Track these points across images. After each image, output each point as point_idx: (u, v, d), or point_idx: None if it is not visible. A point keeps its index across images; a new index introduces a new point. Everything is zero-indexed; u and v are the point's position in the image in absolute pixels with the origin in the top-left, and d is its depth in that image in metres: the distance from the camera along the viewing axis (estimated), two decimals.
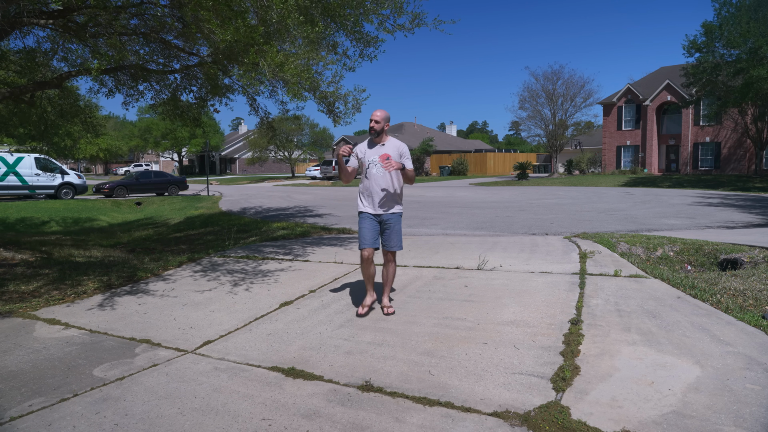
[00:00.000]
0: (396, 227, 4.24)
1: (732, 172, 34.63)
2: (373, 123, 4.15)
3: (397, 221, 4.25)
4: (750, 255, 6.26)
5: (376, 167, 4.17)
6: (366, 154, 4.24)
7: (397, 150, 4.20)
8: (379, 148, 4.20)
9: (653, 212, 13.01)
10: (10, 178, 22.08)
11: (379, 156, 4.14)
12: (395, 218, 4.25)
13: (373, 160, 4.18)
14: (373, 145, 4.25)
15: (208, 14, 4.86)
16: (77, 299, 5.04)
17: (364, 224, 4.21)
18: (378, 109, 4.20)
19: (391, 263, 4.34)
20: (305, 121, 45.79)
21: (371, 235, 4.19)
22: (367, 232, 4.19)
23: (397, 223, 4.24)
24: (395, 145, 4.24)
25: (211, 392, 2.94)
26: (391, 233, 4.23)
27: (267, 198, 22.36)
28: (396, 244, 4.24)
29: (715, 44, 24.85)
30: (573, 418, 2.53)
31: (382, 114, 4.19)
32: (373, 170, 4.18)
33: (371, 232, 4.19)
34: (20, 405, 2.84)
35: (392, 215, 4.23)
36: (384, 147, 4.20)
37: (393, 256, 4.33)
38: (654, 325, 3.79)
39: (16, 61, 8.41)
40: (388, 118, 4.23)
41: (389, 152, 4.14)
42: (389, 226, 4.22)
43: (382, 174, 4.17)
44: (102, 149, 52.22)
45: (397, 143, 4.25)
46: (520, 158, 48.28)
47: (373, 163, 4.18)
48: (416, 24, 6.83)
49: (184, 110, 8.67)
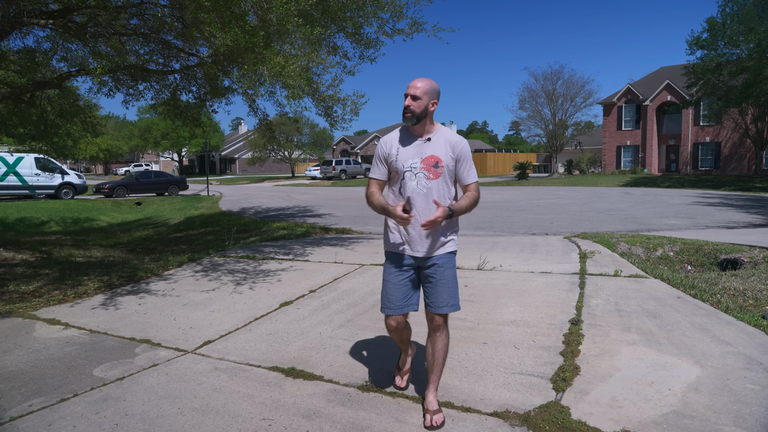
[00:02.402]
0: (447, 274, 2.58)
1: (732, 172, 34.62)
2: (408, 100, 2.49)
3: (449, 264, 2.60)
4: (750, 255, 6.26)
5: (417, 178, 2.54)
6: (399, 154, 2.58)
7: (451, 148, 2.57)
8: (422, 146, 2.56)
9: (653, 212, 13.01)
10: (10, 178, 22.08)
11: (422, 159, 2.54)
12: (446, 260, 2.59)
13: (413, 165, 2.54)
14: (411, 139, 2.59)
15: (209, 16, 4.86)
16: (77, 299, 5.04)
17: (392, 273, 2.64)
18: (419, 78, 2.53)
19: (441, 333, 2.61)
20: (305, 121, 45.80)
21: (402, 293, 2.62)
22: (395, 288, 2.62)
23: (449, 268, 2.60)
24: (449, 141, 2.58)
25: (211, 392, 2.94)
26: (439, 284, 2.56)
27: (267, 198, 22.36)
28: (448, 300, 2.57)
29: (718, 42, 24.78)
30: (573, 418, 2.53)
31: (425, 85, 2.50)
32: (411, 183, 2.54)
33: (402, 287, 2.62)
34: (20, 405, 2.84)
35: (442, 256, 2.59)
36: (430, 144, 2.56)
37: (444, 322, 2.61)
38: (654, 325, 3.79)
39: (16, 61, 8.42)
40: (435, 92, 2.54)
41: (438, 153, 2.54)
42: (437, 274, 2.57)
43: (425, 190, 2.53)
44: (102, 149, 52.21)
45: (452, 137, 2.60)
46: (520, 158, 48.30)
47: (412, 171, 2.54)
48: (415, 30, 6.88)
49: (184, 110, 8.69)
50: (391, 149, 2.60)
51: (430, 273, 2.59)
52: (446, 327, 2.65)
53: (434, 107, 2.54)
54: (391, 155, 2.60)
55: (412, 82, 2.52)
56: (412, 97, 2.48)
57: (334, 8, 6.30)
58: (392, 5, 6.62)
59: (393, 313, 2.64)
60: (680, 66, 33.30)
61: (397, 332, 2.75)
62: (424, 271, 2.61)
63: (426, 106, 2.50)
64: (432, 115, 2.56)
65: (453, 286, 2.61)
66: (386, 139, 2.65)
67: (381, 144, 2.67)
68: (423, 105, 2.48)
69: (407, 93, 2.50)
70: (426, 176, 2.54)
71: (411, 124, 2.53)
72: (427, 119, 2.54)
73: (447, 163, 2.55)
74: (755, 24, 22.41)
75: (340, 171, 40.48)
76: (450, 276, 2.60)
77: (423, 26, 6.87)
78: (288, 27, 5.29)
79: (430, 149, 2.55)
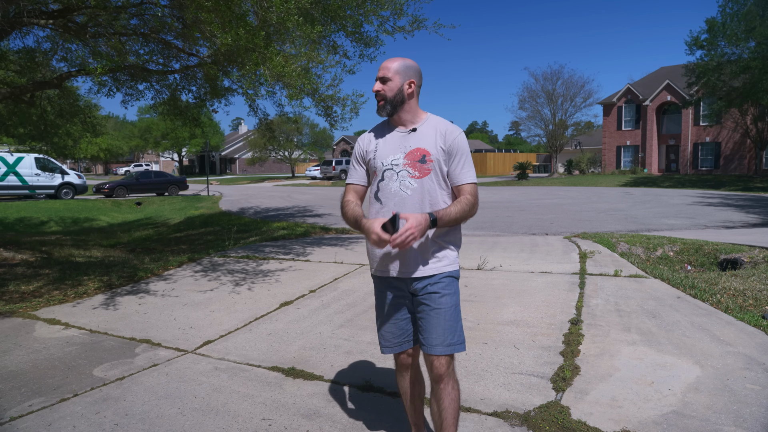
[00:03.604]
0: (443, 303, 1.97)
1: (732, 172, 34.61)
2: (377, 84, 2.01)
3: (446, 290, 1.98)
4: (750, 255, 6.26)
5: (399, 177, 2.00)
6: (378, 150, 2.06)
7: (441, 137, 2.00)
8: (406, 138, 2.03)
9: (653, 212, 13.01)
10: (10, 178, 22.08)
11: (405, 153, 2.01)
12: (444, 284, 1.98)
13: (394, 162, 2.02)
14: (392, 132, 2.07)
15: (209, 16, 4.86)
16: (77, 299, 5.04)
17: (382, 303, 2.12)
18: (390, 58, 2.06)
19: (445, 385, 1.99)
20: (305, 121, 45.81)
21: (396, 328, 2.09)
22: (389, 323, 2.10)
23: (446, 295, 1.98)
24: (438, 129, 2.02)
25: (211, 392, 2.94)
26: (432, 316, 1.97)
27: (267, 198, 22.36)
28: (444, 338, 1.96)
29: (718, 42, 24.77)
30: (573, 418, 2.53)
31: (396, 63, 2.01)
32: (392, 185, 2.01)
33: (396, 322, 2.08)
34: (20, 405, 2.84)
35: (437, 279, 1.98)
36: (415, 135, 2.02)
37: (446, 369, 1.98)
38: (654, 325, 3.79)
39: (16, 61, 8.42)
40: (413, 70, 2.03)
41: (425, 145, 2.00)
42: (430, 302, 1.97)
43: (410, 192, 1.98)
44: (102, 149, 52.20)
45: (443, 125, 2.04)
46: (520, 158, 48.29)
47: (393, 169, 2.02)
48: (416, 27, 6.89)
49: (184, 110, 8.70)
50: (369, 145, 2.09)
51: (422, 300, 1.98)
52: (452, 376, 2.01)
53: (412, 89, 2.01)
54: (369, 152, 2.08)
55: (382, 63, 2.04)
56: (380, 80, 2.00)
57: (334, 6, 6.30)
58: (392, 3, 6.63)
59: (390, 350, 2.12)
60: (680, 66, 33.27)
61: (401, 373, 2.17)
62: (416, 297, 2.02)
63: (400, 88, 1.99)
64: (414, 99, 2.04)
65: (451, 318, 1.96)
66: (364, 136, 2.15)
67: (358, 141, 2.15)
68: (395, 87, 1.99)
69: (376, 77, 2.02)
70: (410, 174, 1.98)
71: (385, 114, 2.04)
72: (406, 105, 2.02)
73: (437, 157, 1.98)
74: (756, 23, 22.40)
75: (340, 171, 40.48)
76: (447, 305, 1.96)
77: (424, 23, 6.88)
78: (288, 25, 5.30)
79: (415, 141, 2.01)
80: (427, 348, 1.97)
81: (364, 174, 2.13)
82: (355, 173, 2.14)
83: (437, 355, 1.96)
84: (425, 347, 1.99)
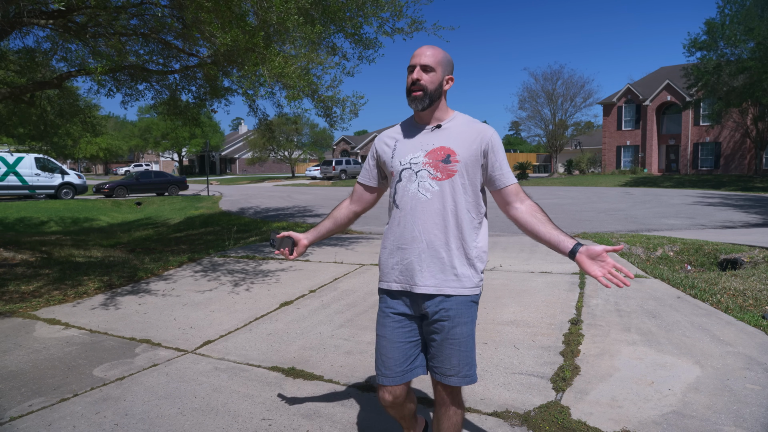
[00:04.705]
0: (459, 332, 1.76)
1: (733, 172, 34.62)
2: (418, 72, 1.75)
3: (464, 317, 1.77)
4: (750, 255, 6.26)
5: (418, 178, 1.78)
6: (397, 148, 1.86)
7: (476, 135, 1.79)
8: (428, 135, 1.82)
9: (653, 212, 13.01)
10: (10, 178, 22.08)
11: (426, 152, 1.79)
12: (461, 310, 1.76)
13: (412, 161, 1.80)
14: (416, 129, 1.85)
15: (209, 16, 4.87)
16: (77, 299, 5.04)
17: (387, 327, 1.85)
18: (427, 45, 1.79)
19: (447, 409, 1.85)
20: (305, 121, 45.80)
21: (399, 354, 1.82)
22: (391, 348, 1.83)
23: (462, 323, 1.77)
24: (470, 127, 1.81)
25: (211, 392, 2.94)
26: (446, 344, 1.77)
27: (267, 198, 22.36)
28: (459, 368, 1.77)
29: (718, 43, 24.78)
30: (573, 418, 2.53)
31: (438, 53, 1.78)
32: (411, 187, 1.79)
33: (400, 347, 1.82)
34: (20, 405, 2.84)
35: (454, 302, 1.76)
36: (440, 132, 1.81)
37: (455, 397, 1.85)
38: (654, 325, 3.79)
39: (16, 61, 8.42)
40: (451, 65, 1.84)
41: (450, 144, 1.78)
42: (444, 329, 1.76)
43: (430, 195, 1.76)
44: (102, 149, 52.22)
45: (474, 123, 1.84)
46: (520, 158, 48.30)
47: (411, 169, 1.80)
48: (415, 28, 6.91)
49: (183, 110, 8.71)
50: (388, 142, 1.89)
51: (436, 326, 1.77)
52: (458, 401, 1.85)
53: (449, 86, 1.82)
54: (386, 152, 1.87)
55: (418, 49, 1.79)
56: (422, 67, 1.74)
57: (333, 8, 6.31)
58: (392, 4, 6.64)
59: (390, 382, 1.81)
60: (680, 66, 33.29)
61: (395, 408, 1.90)
62: (427, 323, 1.80)
63: (441, 83, 1.77)
64: (446, 97, 1.83)
65: (467, 347, 1.76)
66: (385, 133, 1.94)
67: (377, 139, 1.95)
68: (437, 80, 1.76)
69: (414, 63, 1.76)
70: (431, 175, 1.74)
71: (422, 108, 1.77)
72: (440, 103, 1.80)
73: (465, 157, 1.74)
74: (755, 24, 22.41)
75: (340, 171, 40.47)
76: (463, 334, 1.75)
77: (423, 25, 6.90)
78: (288, 25, 5.30)
79: (439, 139, 1.78)
80: (438, 376, 1.81)
81: (373, 173, 1.99)
82: (364, 171, 2.02)
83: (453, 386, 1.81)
84: (436, 374, 1.82)
